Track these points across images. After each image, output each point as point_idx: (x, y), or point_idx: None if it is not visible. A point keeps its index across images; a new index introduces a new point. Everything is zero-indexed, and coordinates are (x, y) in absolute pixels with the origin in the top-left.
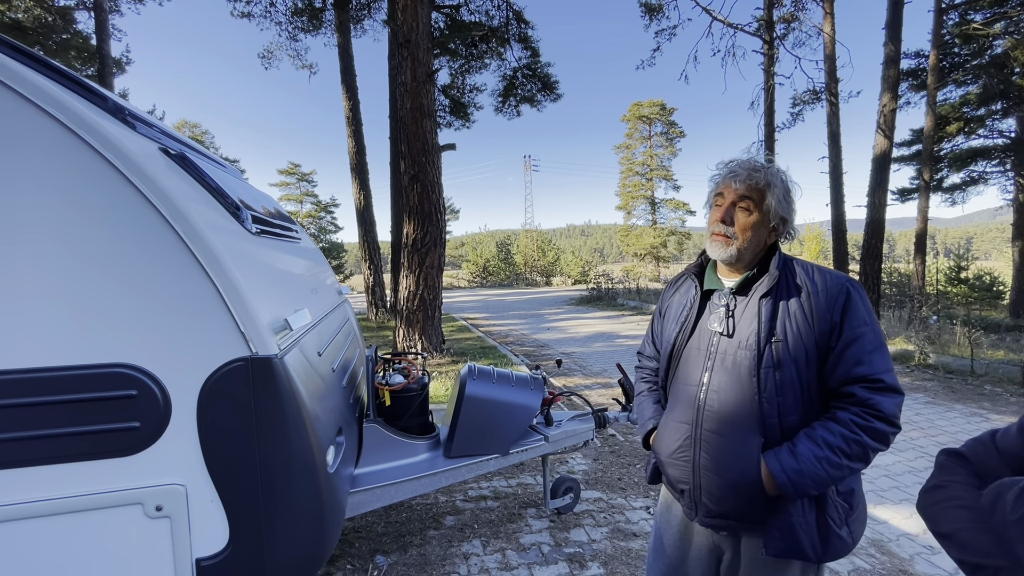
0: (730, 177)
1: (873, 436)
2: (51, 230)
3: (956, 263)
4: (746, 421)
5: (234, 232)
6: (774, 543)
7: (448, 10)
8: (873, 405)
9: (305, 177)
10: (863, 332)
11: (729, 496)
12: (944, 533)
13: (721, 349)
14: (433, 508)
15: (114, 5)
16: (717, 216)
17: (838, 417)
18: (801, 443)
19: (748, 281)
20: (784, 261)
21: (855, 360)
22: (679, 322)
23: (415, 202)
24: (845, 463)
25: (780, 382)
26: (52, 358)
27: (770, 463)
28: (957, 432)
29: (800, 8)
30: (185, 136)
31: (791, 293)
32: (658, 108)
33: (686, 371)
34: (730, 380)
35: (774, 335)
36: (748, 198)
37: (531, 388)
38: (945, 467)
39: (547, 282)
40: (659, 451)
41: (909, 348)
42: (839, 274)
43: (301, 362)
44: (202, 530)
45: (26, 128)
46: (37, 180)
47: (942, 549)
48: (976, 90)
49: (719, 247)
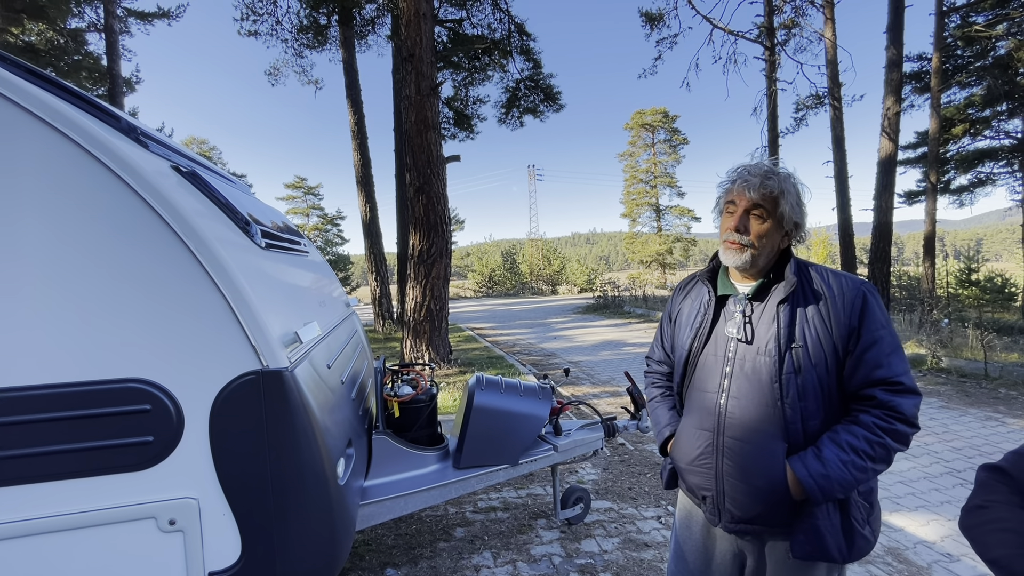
0: (742, 185)
1: (895, 438)
2: (67, 248)
3: (966, 265)
4: (769, 427)
5: (244, 247)
6: (801, 546)
7: (451, 24)
8: (894, 407)
9: (311, 191)
10: (881, 335)
11: (754, 502)
12: (993, 559)
13: (740, 355)
14: (443, 520)
15: (124, 26)
16: (731, 224)
17: (860, 420)
18: (826, 447)
19: (764, 286)
20: (799, 266)
21: (875, 363)
22: (694, 328)
23: (421, 214)
24: (870, 465)
25: (802, 387)
26: (69, 374)
27: (796, 468)
28: (972, 437)
29: (801, 14)
30: (194, 153)
31: (808, 298)
32: (661, 116)
33: (704, 377)
34: (750, 386)
35: (794, 340)
36: (761, 206)
37: (539, 398)
38: (987, 485)
39: (553, 291)
40: (679, 458)
41: (921, 352)
42: (855, 278)
43: (311, 375)
44: (215, 544)
45: (43, 149)
46: (54, 200)
47: (959, 558)
48: (980, 92)
49: (734, 254)
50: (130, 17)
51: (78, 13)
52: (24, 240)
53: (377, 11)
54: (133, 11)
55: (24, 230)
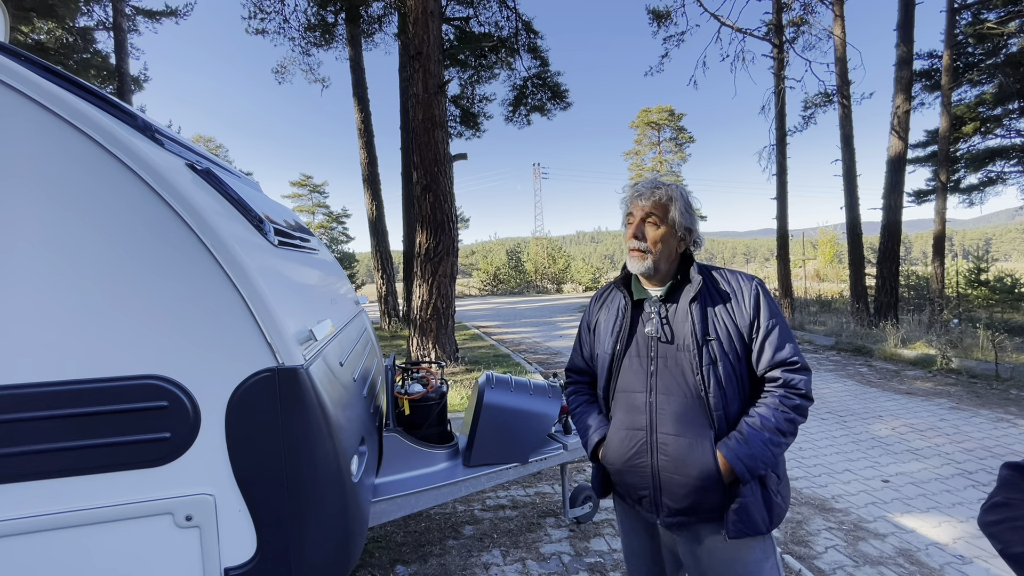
0: (636, 197)
1: (798, 411)
2: (86, 246)
3: (976, 265)
4: (697, 418)
5: (259, 245)
6: (735, 526)
7: (458, 22)
8: (795, 385)
9: (317, 188)
10: (777, 323)
11: (691, 493)
12: (1014, 555)
13: (661, 354)
14: (452, 517)
15: (132, 25)
16: (630, 233)
17: (769, 400)
18: (747, 429)
19: (674, 288)
20: (701, 268)
21: (776, 347)
22: (614, 332)
23: (427, 212)
24: (783, 440)
25: (720, 376)
26: (87, 370)
27: (726, 454)
28: (984, 438)
29: (809, 12)
30: (206, 150)
31: (714, 295)
32: (667, 114)
33: (630, 379)
34: (675, 382)
35: (708, 335)
36: (654, 213)
37: (549, 396)
38: (1009, 482)
39: (558, 289)
40: (612, 461)
41: (931, 352)
42: (748, 275)
43: (325, 372)
44: (230, 540)
45: (63, 147)
46: (73, 197)
47: (972, 559)
48: (992, 90)
49: (637, 261)
50: (138, 15)
51: (87, 11)
52: (45, 238)
53: (384, 9)
54: (141, 9)
55: (45, 228)
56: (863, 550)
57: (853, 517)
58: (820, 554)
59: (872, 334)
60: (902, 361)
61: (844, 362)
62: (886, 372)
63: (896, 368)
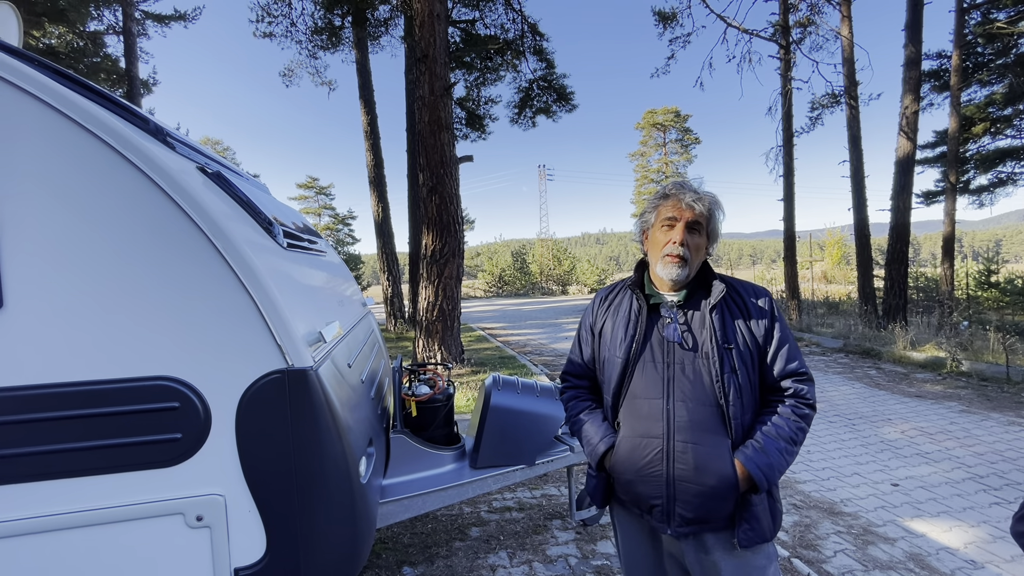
0: (682, 200)
1: (807, 421)
2: (101, 249)
3: (986, 267)
4: (715, 426)
5: (268, 248)
6: (746, 535)
7: (464, 25)
8: (804, 395)
9: (323, 190)
10: (788, 334)
11: (706, 502)
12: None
13: (678, 359)
14: (458, 519)
15: (142, 29)
16: (677, 238)
17: (782, 410)
18: (763, 439)
19: (691, 294)
20: (721, 277)
21: (788, 358)
22: (628, 336)
23: (433, 214)
24: (794, 450)
25: (738, 385)
26: (100, 372)
27: (744, 462)
28: (995, 442)
29: (816, 12)
30: (216, 154)
31: (731, 304)
32: (672, 115)
33: (644, 385)
34: (694, 388)
35: (728, 342)
36: (700, 221)
37: (555, 398)
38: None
39: (563, 291)
40: (624, 470)
41: (940, 355)
42: (760, 286)
43: (334, 373)
44: (240, 540)
45: (78, 151)
46: (88, 202)
47: (984, 564)
48: (1002, 90)
49: (675, 268)
50: (148, 19)
51: (97, 16)
52: (58, 241)
53: (391, 12)
54: (150, 13)
55: (58, 231)
56: (873, 554)
57: (862, 521)
58: (829, 558)
59: (881, 336)
60: (911, 364)
61: (853, 364)
62: (895, 375)
63: (905, 371)
